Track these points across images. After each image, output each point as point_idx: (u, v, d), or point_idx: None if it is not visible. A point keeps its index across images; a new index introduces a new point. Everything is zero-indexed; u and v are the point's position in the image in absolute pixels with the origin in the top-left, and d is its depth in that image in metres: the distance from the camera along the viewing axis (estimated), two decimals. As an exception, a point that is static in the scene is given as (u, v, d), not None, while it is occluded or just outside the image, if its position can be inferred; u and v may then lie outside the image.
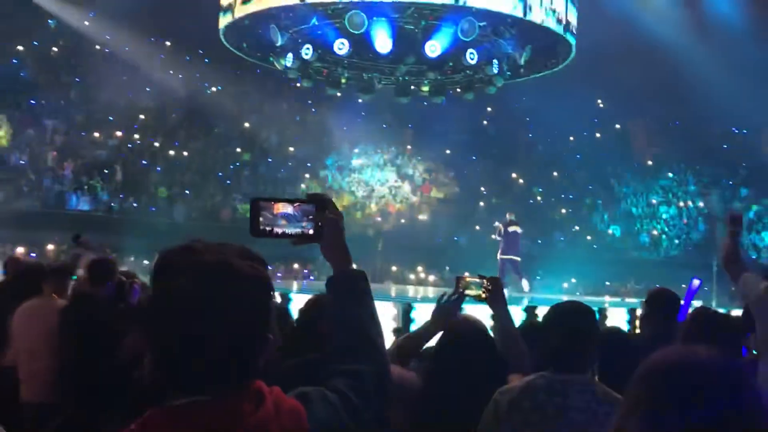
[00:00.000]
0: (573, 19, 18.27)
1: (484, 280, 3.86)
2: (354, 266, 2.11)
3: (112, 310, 5.46)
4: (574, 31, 18.45)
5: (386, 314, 9.92)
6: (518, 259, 18.91)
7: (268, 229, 2.00)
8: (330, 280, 2.07)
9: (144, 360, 3.90)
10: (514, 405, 3.10)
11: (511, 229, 18.95)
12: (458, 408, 3.21)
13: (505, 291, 4.06)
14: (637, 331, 6.51)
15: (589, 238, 30.73)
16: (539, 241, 30.31)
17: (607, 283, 25.93)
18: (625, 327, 10.82)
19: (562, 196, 32.81)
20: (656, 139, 33.69)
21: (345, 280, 2.05)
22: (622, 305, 15.09)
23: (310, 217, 2.02)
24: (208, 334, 1.59)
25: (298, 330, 3.74)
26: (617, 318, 11.66)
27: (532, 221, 31.68)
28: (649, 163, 34.13)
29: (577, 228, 31.27)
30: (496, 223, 19.15)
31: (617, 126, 35.22)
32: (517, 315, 10.45)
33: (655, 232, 30.86)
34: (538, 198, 33.20)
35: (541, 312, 11.34)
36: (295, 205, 2.02)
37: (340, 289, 2.05)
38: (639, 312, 6.15)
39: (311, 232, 2.02)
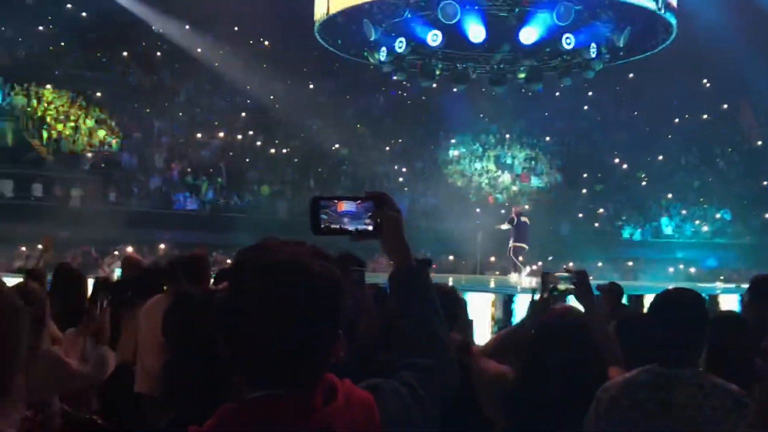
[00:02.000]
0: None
1: (572, 274, 3.81)
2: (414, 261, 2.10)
3: (208, 307, 5.58)
4: (675, 10, 17.85)
5: (486, 305, 9.87)
6: (526, 247, 19.76)
7: (332, 226, 2.04)
8: (391, 276, 2.07)
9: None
10: (614, 403, 2.98)
11: (522, 219, 19.61)
12: (554, 402, 3.12)
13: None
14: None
15: (697, 222, 29.72)
16: (645, 228, 29.54)
17: (719, 268, 24.97)
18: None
19: (669, 180, 31.80)
20: (766, 119, 32.28)
21: (406, 276, 2.05)
22: (735, 291, 14.52)
23: (370, 213, 2.04)
24: (279, 331, 1.63)
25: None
26: (730, 305, 11.22)
27: (636, 207, 30.92)
28: (759, 143, 32.74)
29: (684, 212, 30.27)
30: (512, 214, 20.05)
31: (725, 106, 33.89)
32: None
33: (767, 216, 29.56)
34: (643, 183, 32.30)
35: (647, 301, 11.04)
36: (357, 202, 2.05)
37: (401, 284, 2.05)
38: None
39: (371, 228, 2.04)
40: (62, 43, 28.78)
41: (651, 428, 2.92)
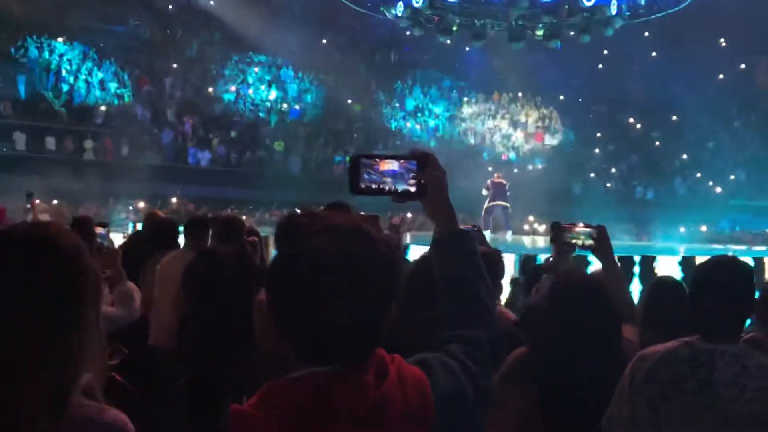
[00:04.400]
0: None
1: (592, 229, 3.72)
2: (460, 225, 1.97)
3: (237, 267, 5.57)
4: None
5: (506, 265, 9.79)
6: (507, 204, 20.12)
7: (372, 186, 1.92)
8: (436, 240, 1.94)
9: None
10: (651, 375, 2.82)
11: (496, 180, 20.10)
12: (572, 364, 2.97)
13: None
14: None
15: (711, 183, 29.56)
16: (658, 188, 29.42)
17: (736, 229, 24.84)
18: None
19: (683, 140, 31.57)
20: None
21: (452, 240, 1.91)
22: (748, 254, 14.49)
23: (413, 173, 1.91)
24: (341, 298, 1.52)
25: (411, 288, 3.59)
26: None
27: (650, 167, 30.76)
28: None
29: (699, 175, 30.09)
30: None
31: (742, 66, 33.45)
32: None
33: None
34: (657, 143, 32.08)
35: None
36: (400, 162, 1.92)
37: (447, 249, 1.91)
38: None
39: (414, 189, 1.91)
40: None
41: (688, 405, 2.78)
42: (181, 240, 6.78)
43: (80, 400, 1.67)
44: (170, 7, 30.77)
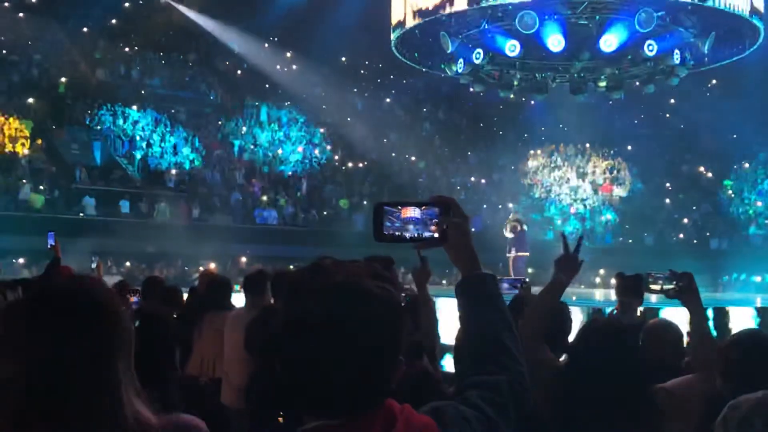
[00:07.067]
0: (760, 3, 17.12)
1: (677, 275, 3.72)
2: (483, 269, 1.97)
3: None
4: (761, 14, 17.27)
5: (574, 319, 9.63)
6: (511, 255, 18.38)
7: (395, 233, 1.94)
8: (458, 285, 1.95)
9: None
10: (744, 423, 2.74)
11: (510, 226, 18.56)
12: (591, 402, 3.05)
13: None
14: None
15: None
16: (732, 238, 28.66)
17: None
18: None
19: (756, 188, 30.78)
20: None
21: (474, 285, 1.92)
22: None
23: (435, 220, 1.94)
24: (337, 357, 1.56)
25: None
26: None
27: (722, 216, 30.03)
28: None
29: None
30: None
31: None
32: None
33: None
34: (729, 191, 31.35)
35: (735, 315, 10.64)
36: (422, 208, 1.94)
37: (469, 294, 1.92)
38: None
39: (437, 235, 1.93)
40: (146, 63, 29.64)
41: None
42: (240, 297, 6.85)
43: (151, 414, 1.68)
44: (238, 72, 31.74)
